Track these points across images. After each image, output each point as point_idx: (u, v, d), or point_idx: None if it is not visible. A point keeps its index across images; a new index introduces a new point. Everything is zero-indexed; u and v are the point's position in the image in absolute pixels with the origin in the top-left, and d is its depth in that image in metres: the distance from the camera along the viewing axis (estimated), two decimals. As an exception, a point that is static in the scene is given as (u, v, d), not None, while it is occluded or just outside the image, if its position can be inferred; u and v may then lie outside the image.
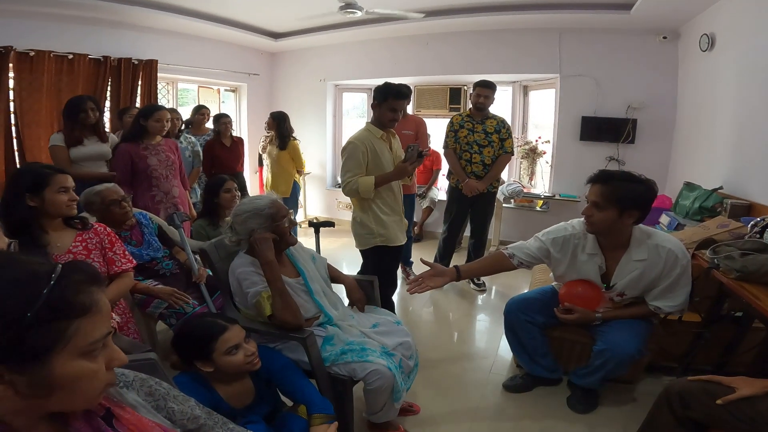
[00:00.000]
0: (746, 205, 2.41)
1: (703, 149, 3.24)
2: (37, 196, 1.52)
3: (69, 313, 0.52)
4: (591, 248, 1.77)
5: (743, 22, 2.72)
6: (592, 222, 1.68)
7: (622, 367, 1.76)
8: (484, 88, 3.16)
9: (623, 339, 1.70)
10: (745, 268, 1.53)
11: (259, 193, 3.09)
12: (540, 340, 1.98)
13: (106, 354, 0.57)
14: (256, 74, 5.31)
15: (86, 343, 0.53)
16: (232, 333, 1.21)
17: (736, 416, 1.17)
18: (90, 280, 0.55)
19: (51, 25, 3.65)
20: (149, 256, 2.03)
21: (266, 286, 1.50)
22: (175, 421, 0.72)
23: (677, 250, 1.66)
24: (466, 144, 3.21)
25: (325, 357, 1.50)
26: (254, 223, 1.55)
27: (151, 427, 0.64)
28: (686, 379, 1.30)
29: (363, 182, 2.09)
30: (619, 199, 1.59)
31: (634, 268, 1.72)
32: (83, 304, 0.53)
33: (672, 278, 1.68)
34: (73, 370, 0.53)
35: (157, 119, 2.51)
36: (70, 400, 0.55)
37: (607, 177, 1.65)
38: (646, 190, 1.62)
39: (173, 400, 0.74)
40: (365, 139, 2.15)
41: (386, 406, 1.57)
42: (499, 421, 1.90)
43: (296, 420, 1.22)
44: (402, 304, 3.17)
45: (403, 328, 1.74)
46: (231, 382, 1.24)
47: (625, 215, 1.62)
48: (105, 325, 0.56)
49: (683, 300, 1.72)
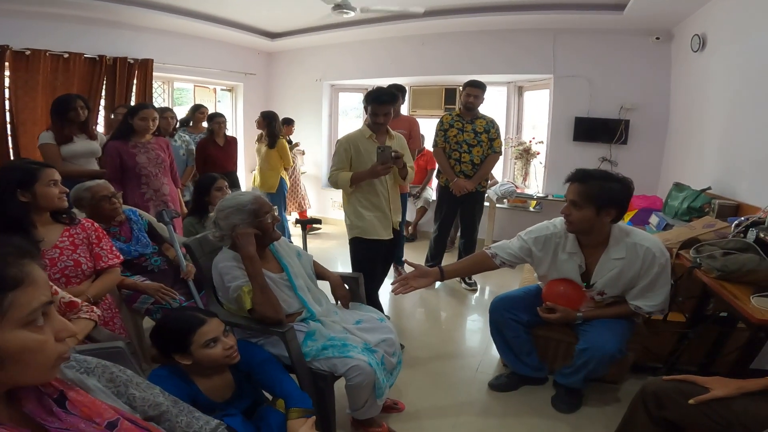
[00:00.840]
0: (734, 205, 2.41)
1: (694, 150, 3.26)
2: (28, 191, 1.54)
3: (1, 286, 0.54)
4: (571, 247, 1.79)
5: (734, 23, 2.74)
6: (570, 221, 1.70)
7: (603, 367, 1.76)
8: (474, 87, 3.18)
9: (604, 338, 1.71)
10: (726, 267, 1.55)
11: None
12: (524, 338, 1.99)
13: (53, 326, 0.59)
14: (252, 74, 5.34)
15: (24, 313, 0.55)
16: (210, 326, 1.22)
17: (711, 417, 1.16)
18: (19, 253, 0.57)
19: (47, 24, 3.68)
20: (137, 252, 2.04)
21: (247, 281, 1.51)
22: (136, 407, 0.74)
23: (655, 249, 1.67)
24: (455, 143, 3.23)
25: (306, 352, 1.51)
26: (237, 219, 1.56)
27: (105, 409, 0.65)
28: (661, 379, 1.29)
29: (341, 176, 2.33)
30: (596, 198, 1.61)
31: (612, 267, 1.73)
32: (15, 277, 0.55)
33: (650, 277, 1.69)
34: (18, 342, 0.54)
35: (143, 117, 2.53)
36: (22, 373, 0.56)
37: (584, 176, 1.67)
38: (623, 188, 1.64)
39: (135, 387, 0.76)
40: (352, 139, 2.36)
41: (369, 403, 1.57)
42: (483, 419, 1.90)
43: (274, 414, 1.23)
44: (393, 302, 3.18)
45: (386, 324, 1.75)
46: (210, 375, 1.25)
47: (602, 213, 1.64)
48: (42, 295, 0.58)
49: (663, 300, 1.73)
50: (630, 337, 1.83)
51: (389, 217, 2.40)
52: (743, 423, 1.12)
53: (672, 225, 2.54)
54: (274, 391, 1.31)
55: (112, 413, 0.65)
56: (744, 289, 1.48)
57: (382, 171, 2.23)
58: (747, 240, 1.71)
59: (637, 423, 1.31)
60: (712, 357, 1.94)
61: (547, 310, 1.83)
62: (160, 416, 0.77)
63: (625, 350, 1.75)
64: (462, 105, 3.26)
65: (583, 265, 1.79)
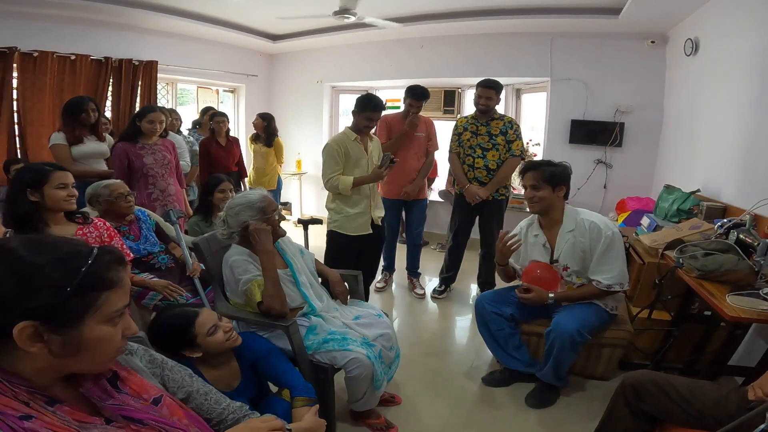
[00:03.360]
0: (721, 207, 2.49)
1: (685, 153, 3.33)
2: (37, 191, 1.63)
3: (101, 286, 0.64)
4: (535, 229, 2.09)
5: (725, 27, 2.79)
6: (535, 202, 1.99)
7: (567, 351, 1.86)
8: (486, 88, 2.91)
9: (566, 320, 1.87)
10: (705, 267, 1.63)
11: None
12: (509, 332, 2.09)
13: (123, 323, 0.69)
14: (254, 75, 5.41)
15: (111, 311, 0.65)
16: (204, 316, 1.30)
17: (685, 410, 1.23)
18: (118, 261, 0.67)
19: (54, 26, 3.76)
20: (146, 251, 2.13)
21: (258, 275, 1.59)
22: (168, 387, 0.83)
23: (600, 223, 1.94)
24: (468, 147, 3.01)
25: (308, 345, 1.60)
26: (247, 215, 1.65)
27: (150, 387, 0.75)
28: (640, 372, 1.37)
29: (343, 181, 2.42)
30: (548, 178, 1.95)
31: (567, 239, 1.98)
32: (112, 280, 0.65)
33: (600, 250, 1.91)
34: (99, 333, 0.64)
35: (150, 120, 2.61)
36: (90, 361, 0.66)
37: (535, 164, 2.04)
38: (564, 169, 2.02)
39: (169, 369, 0.87)
40: (340, 141, 2.46)
41: (367, 395, 1.66)
42: (476, 413, 1.99)
43: (279, 402, 1.31)
44: (389, 301, 3.27)
45: (384, 320, 1.83)
46: (217, 365, 1.33)
47: (557, 190, 1.97)
48: (125, 298, 0.68)
49: (618, 273, 1.91)
50: (599, 328, 1.98)
51: (369, 213, 2.55)
52: (714, 415, 1.20)
53: (662, 226, 2.62)
54: (280, 381, 1.39)
55: (157, 390, 0.75)
56: (722, 288, 1.56)
57: (385, 174, 2.46)
58: (728, 241, 1.79)
59: (618, 415, 1.39)
60: (697, 354, 2.02)
61: (523, 290, 2.00)
62: (188, 397, 0.86)
63: (586, 335, 1.88)
64: (475, 107, 3.02)
65: (547, 244, 2.04)
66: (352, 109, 2.49)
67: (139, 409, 0.70)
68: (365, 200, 2.52)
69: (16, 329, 0.57)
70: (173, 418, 0.74)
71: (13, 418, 0.57)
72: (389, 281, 3.49)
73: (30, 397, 0.61)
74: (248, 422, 0.91)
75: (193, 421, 0.78)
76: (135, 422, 0.69)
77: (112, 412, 0.68)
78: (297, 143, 5.45)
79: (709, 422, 1.20)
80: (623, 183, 4.03)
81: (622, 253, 1.94)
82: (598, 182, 4.13)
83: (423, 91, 3.07)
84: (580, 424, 1.87)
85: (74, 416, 0.64)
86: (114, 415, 0.68)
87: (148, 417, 0.70)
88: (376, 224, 2.58)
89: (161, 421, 0.72)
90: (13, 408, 0.58)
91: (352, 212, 2.49)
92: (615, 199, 3.93)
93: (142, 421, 0.70)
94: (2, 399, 0.58)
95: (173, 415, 0.74)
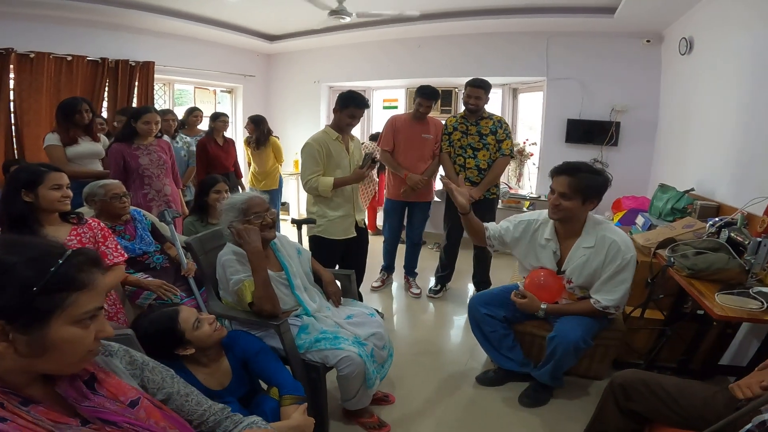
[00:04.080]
0: (715, 206, 2.50)
1: (679, 152, 3.34)
2: (32, 192, 1.64)
3: (70, 287, 0.64)
4: (549, 234, 1.91)
5: (719, 26, 2.80)
6: (559, 210, 1.80)
7: (569, 356, 1.84)
8: (474, 87, 2.92)
9: (570, 327, 1.82)
10: (695, 266, 1.64)
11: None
12: (503, 333, 2.08)
13: (96, 325, 0.68)
14: (251, 75, 5.42)
15: (80, 312, 0.65)
16: (186, 312, 1.31)
17: (672, 409, 1.24)
18: (90, 263, 0.67)
19: (51, 27, 3.77)
20: (141, 250, 2.13)
21: (248, 276, 1.60)
22: (148, 389, 0.83)
23: (621, 243, 1.77)
24: (459, 148, 3.02)
25: (300, 344, 1.61)
26: (230, 216, 1.67)
27: (128, 389, 0.75)
28: (629, 372, 1.37)
29: (322, 182, 2.35)
30: (584, 190, 1.74)
31: (581, 255, 1.84)
32: (82, 281, 0.65)
33: (612, 270, 1.78)
34: (66, 334, 0.64)
35: (145, 121, 2.62)
36: (58, 362, 0.66)
37: (573, 169, 1.78)
38: (605, 181, 1.79)
39: (150, 371, 0.86)
40: (320, 140, 2.39)
41: (359, 393, 1.67)
42: (469, 412, 1.99)
43: (268, 401, 1.32)
44: (386, 301, 3.27)
45: (376, 319, 1.84)
46: (209, 364, 1.34)
47: (587, 204, 1.78)
48: (97, 300, 0.68)
49: (620, 296, 1.80)
50: (598, 332, 1.92)
51: (353, 216, 2.53)
52: (702, 415, 1.20)
53: (656, 225, 2.63)
54: (269, 379, 1.40)
55: (135, 393, 0.76)
56: (712, 286, 1.56)
57: (367, 174, 2.43)
58: (719, 240, 1.80)
59: (607, 414, 1.40)
60: (690, 354, 2.02)
61: (519, 294, 1.93)
62: (168, 399, 0.86)
63: (590, 341, 1.84)
64: (464, 107, 3.04)
65: (558, 252, 1.91)
66: (333, 107, 2.45)
67: (114, 412, 0.70)
68: (348, 203, 2.50)
69: None
70: (150, 421, 0.74)
71: None
72: (387, 281, 3.49)
73: (4, 398, 0.61)
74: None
75: (172, 423, 0.78)
76: (110, 424, 0.69)
77: (88, 414, 0.68)
78: (294, 143, 5.45)
79: (696, 422, 1.20)
80: (619, 182, 3.98)
81: (631, 278, 1.81)
82: (595, 181, 4.13)
83: (433, 91, 3.04)
84: (572, 422, 1.87)
85: (49, 416, 0.64)
86: (90, 416, 0.69)
87: (123, 420, 0.71)
88: (359, 226, 2.58)
89: (137, 423, 0.72)
90: None
91: (336, 216, 2.45)
92: (611, 198, 3.92)
93: (117, 424, 0.70)
94: None
95: (150, 418, 0.74)
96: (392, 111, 5.21)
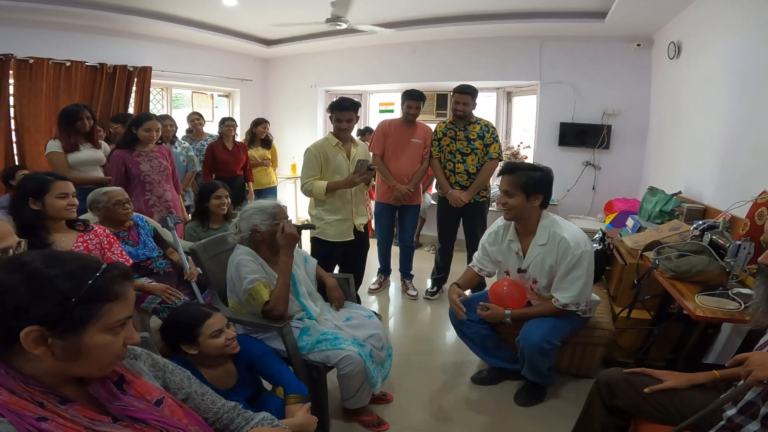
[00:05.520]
0: (701, 209, 2.57)
1: (668, 155, 3.42)
2: (39, 200, 1.70)
3: (105, 298, 0.70)
4: (511, 235, 2.00)
5: (706, 31, 2.86)
6: (508, 208, 1.89)
7: (537, 358, 1.87)
8: (462, 94, 2.99)
9: (532, 330, 1.87)
10: (678, 268, 1.71)
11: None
12: (484, 334, 2.13)
13: (125, 333, 0.75)
14: (249, 80, 5.47)
15: (112, 321, 0.71)
16: (215, 319, 1.38)
17: (655, 406, 1.29)
18: (123, 276, 0.74)
19: (50, 33, 3.80)
20: (144, 256, 2.19)
21: (264, 276, 1.67)
22: (169, 389, 0.90)
23: (571, 240, 1.82)
24: (448, 153, 3.08)
25: (302, 346, 1.67)
26: (257, 219, 1.74)
27: (153, 389, 0.82)
28: (614, 370, 1.42)
29: (316, 185, 2.51)
30: (524, 185, 1.83)
31: (537, 253, 1.90)
32: (116, 293, 0.72)
33: (564, 267, 1.83)
34: (99, 341, 0.70)
35: (147, 129, 2.67)
36: (90, 365, 0.72)
37: (512, 168, 1.90)
38: (544, 175, 1.88)
39: (170, 372, 0.93)
40: (320, 146, 2.55)
41: (359, 393, 1.73)
42: (465, 411, 2.06)
43: (274, 399, 1.39)
44: (384, 302, 3.34)
45: (374, 321, 1.91)
46: (214, 365, 1.40)
47: (531, 198, 1.85)
48: (128, 310, 0.75)
49: (576, 293, 1.83)
50: (571, 332, 1.97)
51: (352, 220, 2.62)
52: (681, 411, 1.26)
53: (645, 228, 2.71)
54: (274, 379, 1.46)
55: (159, 392, 0.82)
56: (693, 288, 1.64)
57: (360, 181, 2.50)
58: (702, 243, 1.88)
59: (594, 411, 1.45)
60: (677, 353, 2.10)
61: (483, 307, 1.96)
62: (187, 398, 0.93)
63: (555, 341, 1.87)
64: (452, 113, 3.11)
65: (521, 252, 1.97)
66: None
67: (142, 410, 0.77)
68: (347, 207, 2.58)
69: (23, 333, 0.64)
70: (174, 418, 0.80)
71: (31, 419, 0.64)
72: (384, 283, 3.55)
73: (44, 397, 0.67)
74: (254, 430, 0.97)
75: (192, 420, 0.85)
76: (139, 422, 0.76)
77: (118, 412, 0.75)
78: (291, 147, 5.51)
79: (675, 417, 1.25)
80: (611, 184, 4.12)
81: (587, 273, 1.84)
82: (587, 184, 4.22)
83: (419, 93, 3.16)
84: (566, 419, 1.92)
85: (85, 414, 0.70)
86: (120, 414, 0.75)
87: (151, 417, 0.77)
88: (358, 231, 2.66)
89: (163, 421, 0.78)
90: (30, 410, 0.65)
91: (333, 219, 2.57)
92: (603, 201, 4.02)
93: (146, 421, 0.76)
94: (20, 402, 0.65)
95: (174, 415, 0.81)
96: (388, 115, 5.28)
